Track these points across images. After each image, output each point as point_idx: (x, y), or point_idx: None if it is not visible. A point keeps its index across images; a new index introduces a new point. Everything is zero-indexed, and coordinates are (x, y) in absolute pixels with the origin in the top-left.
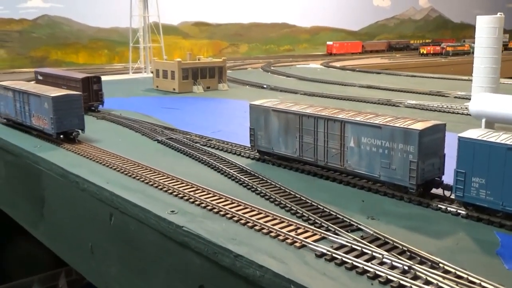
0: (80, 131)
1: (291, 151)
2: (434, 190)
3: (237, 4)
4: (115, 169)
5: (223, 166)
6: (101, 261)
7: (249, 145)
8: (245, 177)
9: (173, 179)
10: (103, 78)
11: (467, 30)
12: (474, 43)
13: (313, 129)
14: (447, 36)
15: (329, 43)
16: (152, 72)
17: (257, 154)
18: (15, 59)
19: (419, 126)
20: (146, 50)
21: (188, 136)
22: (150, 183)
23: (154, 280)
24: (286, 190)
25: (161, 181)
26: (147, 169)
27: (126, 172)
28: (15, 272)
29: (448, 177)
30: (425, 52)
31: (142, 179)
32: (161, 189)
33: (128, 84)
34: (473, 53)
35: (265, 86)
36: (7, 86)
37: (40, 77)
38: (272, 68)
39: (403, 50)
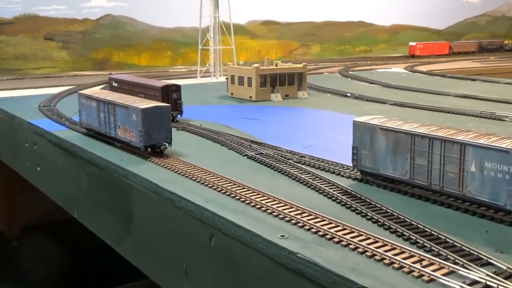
0: (167, 144)
1: (399, 173)
2: None
3: (310, 1)
4: (211, 187)
5: (324, 186)
6: (197, 283)
7: (346, 164)
8: (351, 200)
9: (275, 200)
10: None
11: None
12: None
13: (427, 151)
14: None
15: (411, 43)
16: (226, 78)
17: (359, 174)
18: (77, 61)
19: None
20: (216, 53)
21: (278, 152)
22: (252, 204)
23: None
24: (400, 216)
25: (263, 202)
26: (244, 188)
27: (224, 191)
28: (89, 284)
29: None
30: None
31: (242, 199)
32: (264, 211)
33: (198, 89)
34: None
35: (348, 94)
36: (91, 96)
37: (114, 84)
38: (350, 72)
39: (496, 52)
